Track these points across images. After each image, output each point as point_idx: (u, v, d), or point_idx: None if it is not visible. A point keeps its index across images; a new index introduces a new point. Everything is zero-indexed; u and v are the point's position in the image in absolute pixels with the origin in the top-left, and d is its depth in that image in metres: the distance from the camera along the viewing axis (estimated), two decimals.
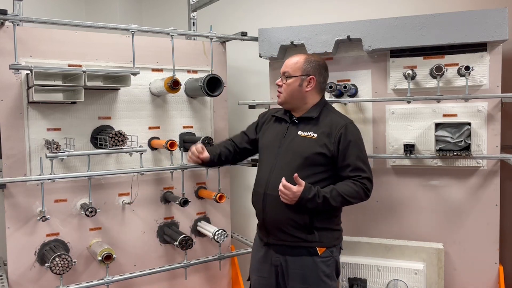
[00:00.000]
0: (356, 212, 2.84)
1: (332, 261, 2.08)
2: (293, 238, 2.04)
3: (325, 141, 2.03)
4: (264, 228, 2.14)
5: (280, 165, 2.07)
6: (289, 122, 2.16)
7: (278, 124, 2.21)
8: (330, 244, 2.07)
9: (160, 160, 2.70)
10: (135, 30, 2.44)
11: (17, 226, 2.31)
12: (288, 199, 1.96)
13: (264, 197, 2.09)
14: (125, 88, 2.49)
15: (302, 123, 2.12)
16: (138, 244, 2.65)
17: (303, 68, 2.11)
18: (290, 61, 2.15)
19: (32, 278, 2.36)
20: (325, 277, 2.05)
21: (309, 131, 2.08)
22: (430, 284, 2.59)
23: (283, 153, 2.09)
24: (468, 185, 2.60)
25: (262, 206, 2.11)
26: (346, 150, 2.02)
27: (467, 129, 2.48)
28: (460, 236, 2.63)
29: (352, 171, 2.02)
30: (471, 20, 2.44)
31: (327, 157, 2.02)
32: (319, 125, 2.09)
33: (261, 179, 2.14)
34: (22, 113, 2.30)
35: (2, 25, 2.24)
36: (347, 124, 2.08)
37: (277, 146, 2.13)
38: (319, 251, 2.04)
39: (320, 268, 2.04)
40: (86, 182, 2.39)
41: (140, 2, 3.94)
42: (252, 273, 2.26)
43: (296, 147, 2.07)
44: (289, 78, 2.12)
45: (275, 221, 2.07)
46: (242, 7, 3.54)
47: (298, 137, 2.09)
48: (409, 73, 2.53)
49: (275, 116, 2.25)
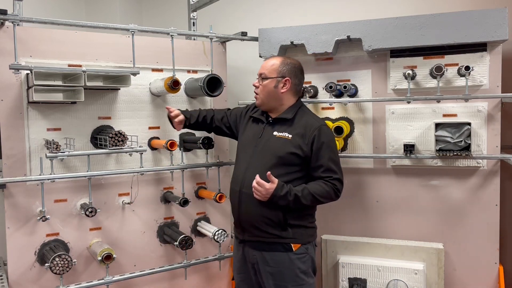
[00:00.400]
0: (356, 212, 2.84)
1: (308, 258, 2.13)
2: (267, 235, 2.10)
3: (299, 141, 2.10)
4: (239, 225, 2.21)
5: (255, 164, 2.13)
6: (265, 122, 2.23)
7: (256, 125, 2.28)
8: (304, 240, 2.12)
9: (160, 160, 2.70)
10: (135, 30, 2.44)
11: (17, 226, 2.31)
12: (261, 196, 2.02)
13: (239, 194, 2.16)
14: (125, 88, 2.49)
15: (278, 124, 2.19)
16: (138, 244, 2.65)
17: (278, 70, 2.18)
18: (267, 63, 2.21)
19: (32, 278, 2.36)
20: (301, 274, 2.10)
21: (284, 131, 2.14)
22: (430, 284, 2.59)
23: (258, 152, 2.16)
24: (468, 185, 2.60)
25: (237, 203, 2.17)
26: (319, 151, 2.09)
27: (467, 129, 2.48)
28: (460, 236, 2.63)
29: (324, 171, 2.09)
30: (471, 20, 2.44)
31: (300, 157, 2.09)
32: (294, 126, 2.15)
33: (237, 177, 2.21)
34: (22, 113, 2.30)
35: (2, 25, 2.24)
36: (321, 126, 2.14)
37: (253, 146, 2.20)
38: (293, 247, 2.09)
39: (296, 265, 2.09)
40: (86, 182, 2.39)
41: (140, 2, 3.94)
42: (234, 273, 2.35)
43: (271, 146, 2.14)
44: (265, 80, 2.18)
45: (249, 218, 2.13)
46: (242, 7, 3.54)
47: (273, 137, 2.15)
48: (409, 73, 2.53)
49: (252, 117, 2.32)
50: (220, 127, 2.47)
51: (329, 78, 2.80)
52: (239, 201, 2.16)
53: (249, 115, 2.35)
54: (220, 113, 2.50)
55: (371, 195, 2.80)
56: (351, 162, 2.80)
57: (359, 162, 2.80)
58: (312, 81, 2.87)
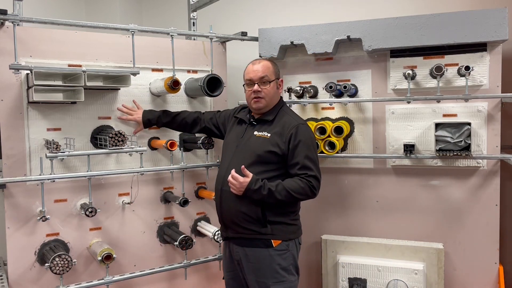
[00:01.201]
0: (356, 212, 2.84)
1: (289, 255, 2.15)
2: (248, 231, 2.13)
3: (277, 140, 2.14)
4: (222, 222, 2.25)
5: (235, 163, 2.16)
6: (248, 123, 2.28)
7: (239, 126, 2.33)
8: (285, 237, 2.14)
9: (160, 160, 2.70)
10: (135, 30, 2.44)
11: (17, 226, 2.31)
12: (235, 189, 2.07)
13: (221, 192, 2.20)
14: (125, 88, 2.49)
15: (259, 124, 2.24)
16: (138, 244, 2.65)
17: (274, 71, 2.24)
18: (262, 66, 2.21)
19: (32, 278, 2.35)
20: (281, 270, 2.12)
21: (264, 131, 2.19)
22: (430, 284, 2.59)
23: (239, 151, 2.21)
24: (468, 185, 2.60)
25: (219, 201, 2.22)
26: (295, 149, 2.12)
27: (467, 129, 2.48)
28: (460, 236, 2.63)
29: (300, 169, 2.11)
30: (471, 20, 2.44)
31: (278, 155, 2.12)
32: (274, 125, 2.20)
33: (219, 176, 2.26)
34: (22, 113, 2.30)
35: (2, 25, 2.24)
36: (298, 125, 2.17)
37: (235, 145, 2.25)
38: (274, 243, 2.11)
39: (275, 261, 2.11)
40: (86, 182, 2.39)
41: (140, 2, 3.94)
42: (224, 270, 2.38)
43: (250, 145, 2.18)
44: (269, 83, 2.21)
45: (230, 215, 2.17)
46: (242, 7, 3.54)
47: (254, 137, 2.21)
48: (409, 73, 2.53)
49: (237, 118, 2.35)
50: (209, 127, 2.51)
51: (329, 78, 2.80)
52: (221, 199, 2.20)
53: (234, 115, 2.39)
54: (209, 114, 2.56)
55: (371, 195, 2.80)
56: (351, 162, 2.80)
57: (359, 162, 2.80)
58: (312, 81, 2.87)
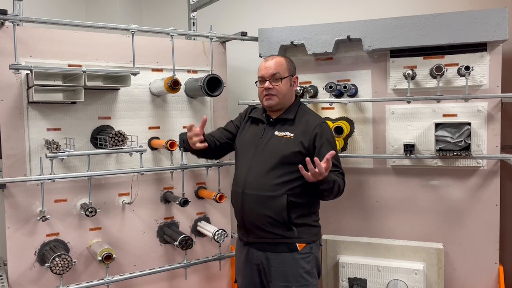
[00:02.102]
0: (356, 212, 2.84)
1: (312, 258, 2.11)
2: (272, 235, 2.07)
3: (301, 139, 2.09)
4: (243, 227, 2.17)
5: (257, 164, 2.11)
6: (266, 122, 2.20)
7: (255, 125, 2.25)
8: (309, 240, 2.11)
9: (160, 160, 2.70)
10: (135, 30, 2.44)
11: (17, 226, 2.31)
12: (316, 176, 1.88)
13: (242, 196, 2.12)
14: (125, 88, 2.49)
15: (279, 124, 2.18)
16: (138, 244, 2.65)
17: (289, 68, 2.18)
18: (275, 63, 2.16)
19: (32, 278, 2.36)
20: (305, 274, 2.08)
21: (286, 131, 2.13)
22: (430, 284, 2.59)
23: (260, 152, 2.13)
24: (468, 185, 2.60)
25: (240, 205, 2.13)
26: (322, 148, 2.07)
27: (467, 129, 2.48)
28: (460, 236, 2.63)
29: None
30: (471, 20, 2.44)
31: (303, 155, 2.05)
32: (295, 124, 2.14)
33: (239, 179, 2.17)
34: (22, 113, 2.30)
35: (2, 25, 2.24)
36: (321, 123, 2.14)
37: (254, 146, 2.17)
38: (298, 247, 2.07)
39: (300, 265, 2.07)
40: (86, 182, 2.39)
41: (140, 2, 3.94)
42: (237, 275, 2.31)
43: (273, 146, 2.11)
44: (281, 79, 2.15)
45: (253, 220, 2.09)
46: (242, 7, 3.54)
47: (275, 137, 2.14)
48: (409, 73, 2.53)
49: (251, 117, 2.29)
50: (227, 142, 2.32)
51: (329, 78, 2.80)
52: (242, 202, 2.12)
53: (247, 115, 2.33)
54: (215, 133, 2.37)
55: (371, 195, 2.80)
56: (351, 162, 2.80)
57: (359, 162, 2.80)
58: (312, 81, 2.87)
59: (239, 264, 2.27)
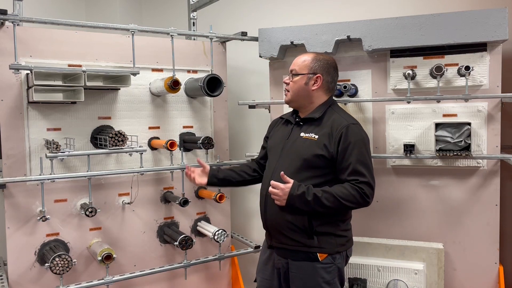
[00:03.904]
0: (356, 212, 2.83)
1: (334, 268, 2.01)
2: (292, 242, 2.00)
3: (325, 142, 1.98)
4: (266, 229, 2.13)
5: (282, 167, 2.03)
6: (294, 123, 2.14)
7: (285, 126, 2.19)
8: (332, 250, 1.99)
9: (160, 160, 2.70)
10: (135, 30, 2.44)
11: (17, 226, 2.31)
12: (279, 199, 1.94)
13: (265, 198, 2.07)
14: (125, 88, 2.49)
15: (306, 124, 2.09)
16: (138, 244, 2.65)
17: (310, 66, 2.08)
18: (299, 59, 2.13)
19: (32, 278, 2.36)
20: (324, 284, 1.99)
21: (311, 132, 2.04)
22: (430, 284, 2.59)
23: (284, 154, 2.08)
24: (468, 185, 2.60)
25: (264, 207, 2.09)
26: (345, 151, 1.95)
27: (467, 129, 2.48)
28: (460, 236, 2.63)
29: (350, 174, 1.94)
30: (471, 20, 2.44)
31: (326, 159, 1.97)
32: (322, 125, 2.04)
33: (264, 181, 2.13)
34: (22, 113, 2.30)
35: (2, 25, 2.24)
36: (349, 125, 2.00)
37: (280, 148, 2.11)
38: (320, 257, 1.98)
39: (320, 274, 1.98)
40: (86, 182, 2.39)
41: (140, 2, 3.94)
42: (257, 274, 2.26)
43: (296, 148, 2.04)
44: (295, 76, 2.10)
45: (274, 224, 2.05)
46: (242, 7, 3.54)
47: (300, 139, 2.06)
48: (409, 73, 2.53)
49: (284, 118, 2.25)
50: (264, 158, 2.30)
51: None
52: (265, 204, 2.07)
53: (281, 117, 2.28)
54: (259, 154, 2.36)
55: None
56: None
57: None
58: None
59: (261, 263, 2.22)
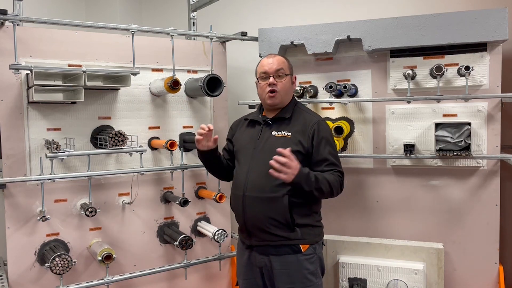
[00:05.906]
0: (356, 212, 2.84)
1: (316, 258, 2.09)
2: (276, 237, 2.04)
3: (299, 138, 2.06)
4: (245, 230, 2.12)
5: (256, 166, 2.07)
6: (263, 123, 2.17)
7: (251, 127, 2.22)
8: (312, 240, 2.08)
9: (160, 160, 2.70)
10: (135, 30, 2.44)
11: (17, 226, 2.31)
12: (287, 172, 1.88)
13: (243, 199, 2.08)
14: (125, 88, 2.49)
15: (276, 124, 2.14)
16: (138, 244, 2.65)
17: (289, 66, 2.18)
18: (277, 60, 2.15)
19: (32, 278, 2.36)
20: (309, 275, 2.05)
21: (283, 130, 2.10)
22: (430, 284, 2.59)
23: (258, 154, 2.10)
24: (468, 185, 2.60)
25: (242, 208, 2.09)
26: (320, 145, 2.05)
27: (467, 129, 2.48)
28: (460, 236, 2.63)
29: (327, 165, 2.05)
30: (471, 20, 2.44)
31: (302, 154, 2.04)
32: (292, 123, 2.12)
33: (239, 182, 2.14)
34: (22, 113, 2.30)
35: (2, 25, 2.24)
36: (319, 121, 2.11)
37: (252, 148, 2.14)
38: (302, 248, 2.05)
39: (304, 266, 2.05)
40: (86, 182, 2.39)
41: (140, 2, 3.94)
42: (239, 277, 2.27)
43: (270, 147, 2.06)
44: (285, 76, 2.13)
45: (256, 222, 2.06)
46: (242, 7, 3.54)
47: (273, 137, 2.11)
48: (409, 73, 2.53)
49: (247, 119, 2.27)
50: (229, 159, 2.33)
51: (329, 78, 2.80)
52: (244, 205, 2.08)
53: (243, 118, 2.31)
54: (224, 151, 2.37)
55: (371, 195, 2.80)
56: (351, 162, 2.80)
57: (359, 162, 2.80)
58: (312, 81, 2.87)
59: (241, 267, 2.23)
